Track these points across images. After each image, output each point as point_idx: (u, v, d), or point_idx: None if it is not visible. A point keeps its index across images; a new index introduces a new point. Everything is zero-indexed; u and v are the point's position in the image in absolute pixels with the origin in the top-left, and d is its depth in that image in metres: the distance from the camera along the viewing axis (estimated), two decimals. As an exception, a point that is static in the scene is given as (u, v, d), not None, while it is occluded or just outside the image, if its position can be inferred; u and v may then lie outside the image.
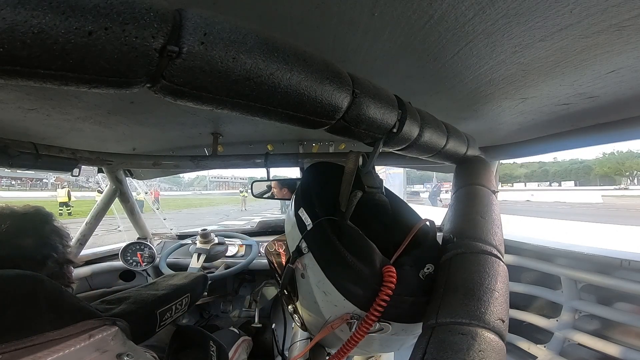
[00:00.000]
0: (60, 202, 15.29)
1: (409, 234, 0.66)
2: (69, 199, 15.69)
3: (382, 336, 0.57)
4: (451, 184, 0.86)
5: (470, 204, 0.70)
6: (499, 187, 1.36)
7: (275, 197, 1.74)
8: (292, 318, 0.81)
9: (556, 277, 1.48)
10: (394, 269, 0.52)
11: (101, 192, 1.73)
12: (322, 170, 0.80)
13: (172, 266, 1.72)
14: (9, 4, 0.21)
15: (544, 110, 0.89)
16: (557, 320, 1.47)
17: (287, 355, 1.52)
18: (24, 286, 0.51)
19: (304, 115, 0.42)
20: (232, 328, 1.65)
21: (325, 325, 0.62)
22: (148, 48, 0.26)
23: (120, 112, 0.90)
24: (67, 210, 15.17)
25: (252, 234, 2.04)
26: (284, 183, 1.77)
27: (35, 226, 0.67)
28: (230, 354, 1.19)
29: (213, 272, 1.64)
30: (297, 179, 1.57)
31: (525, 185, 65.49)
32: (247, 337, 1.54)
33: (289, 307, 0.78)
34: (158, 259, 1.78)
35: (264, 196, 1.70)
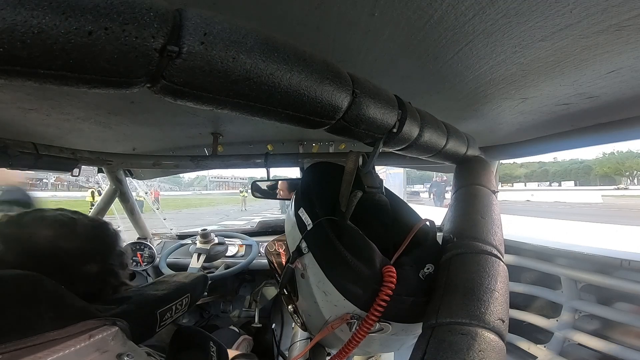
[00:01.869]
0: (90, 202, 16.79)
1: (409, 234, 0.65)
2: (93, 198, 16.94)
3: (382, 336, 0.57)
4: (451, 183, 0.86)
5: (470, 204, 0.69)
6: (499, 187, 1.36)
7: (276, 197, 1.74)
8: (292, 318, 0.80)
9: (556, 277, 1.48)
10: (394, 269, 0.52)
11: (100, 195, 1.74)
12: (322, 170, 0.80)
13: (172, 266, 1.72)
14: (9, 4, 0.21)
15: (544, 110, 0.89)
16: (557, 320, 1.47)
17: (287, 355, 1.52)
18: (24, 286, 0.51)
19: (304, 115, 0.41)
20: (232, 327, 1.65)
21: (325, 325, 0.62)
22: (148, 48, 0.26)
23: (120, 112, 0.90)
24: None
25: (252, 234, 2.04)
26: (284, 183, 1.76)
27: (102, 251, 0.63)
28: (230, 354, 1.19)
29: (213, 272, 1.64)
30: (297, 179, 1.57)
31: (525, 185, 65.49)
32: (247, 336, 1.54)
33: (289, 307, 0.78)
34: (158, 259, 1.78)
35: (264, 196, 1.70)
